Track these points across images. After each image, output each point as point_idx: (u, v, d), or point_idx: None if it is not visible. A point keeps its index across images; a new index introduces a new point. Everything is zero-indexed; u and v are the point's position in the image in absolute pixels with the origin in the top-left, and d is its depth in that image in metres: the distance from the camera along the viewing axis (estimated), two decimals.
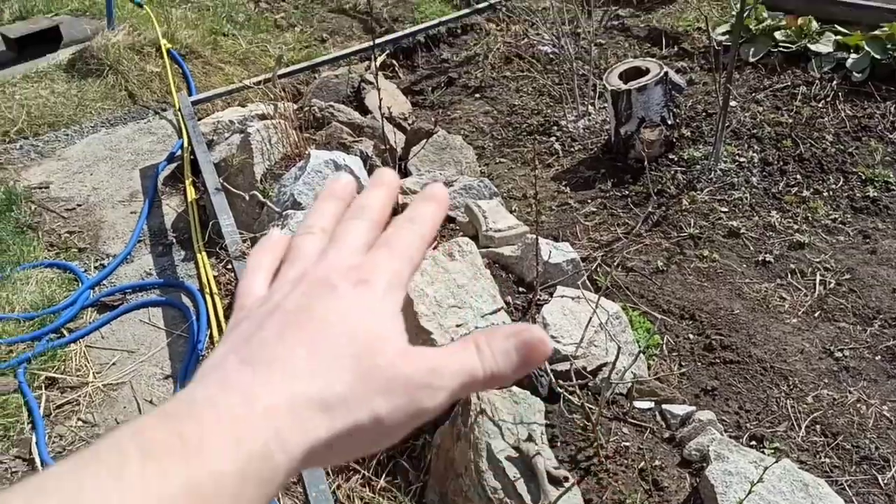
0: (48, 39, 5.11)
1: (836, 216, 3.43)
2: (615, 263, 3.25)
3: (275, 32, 5.68)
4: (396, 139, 3.97)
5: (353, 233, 0.51)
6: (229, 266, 3.05)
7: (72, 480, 0.34)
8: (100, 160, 4.16)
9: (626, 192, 3.73)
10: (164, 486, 0.35)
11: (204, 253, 3.36)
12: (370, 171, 3.53)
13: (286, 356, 0.42)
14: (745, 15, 3.41)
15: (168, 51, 4.96)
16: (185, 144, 4.02)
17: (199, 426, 0.38)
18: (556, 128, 4.34)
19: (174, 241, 3.57)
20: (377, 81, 3.85)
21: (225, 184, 3.22)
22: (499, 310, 2.47)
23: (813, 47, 4.45)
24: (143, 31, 5.04)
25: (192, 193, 3.76)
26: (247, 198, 3.15)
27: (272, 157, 3.49)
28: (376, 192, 0.54)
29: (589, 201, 3.74)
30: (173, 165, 4.09)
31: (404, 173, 3.83)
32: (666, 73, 3.81)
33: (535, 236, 2.68)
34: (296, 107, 4.23)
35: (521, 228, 2.96)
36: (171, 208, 3.78)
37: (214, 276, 3.23)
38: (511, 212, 3.69)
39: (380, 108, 3.39)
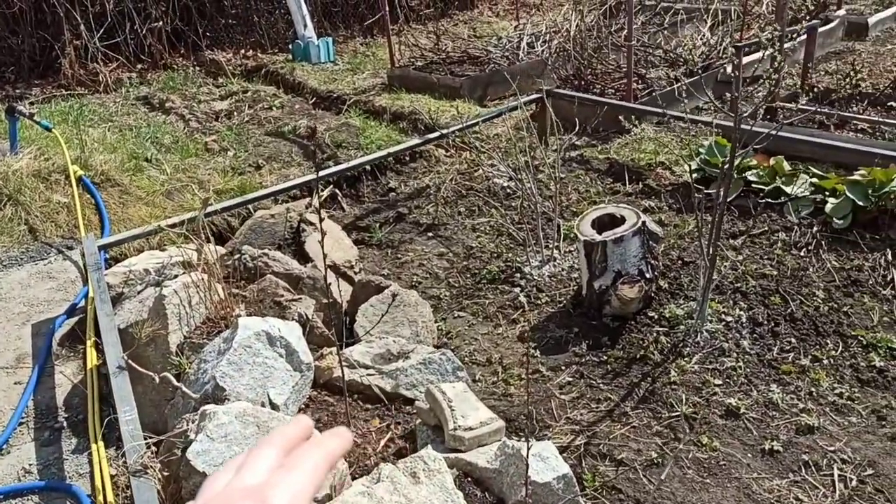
0: None
1: (843, 391, 3.01)
2: (602, 455, 2.75)
3: (205, 157, 5.18)
4: (341, 291, 3.45)
5: (260, 458, 0.54)
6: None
7: None
8: None
9: (605, 358, 3.27)
10: None
11: (101, 443, 2.72)
12: (310, 339, 2.98)
13: None
14: (733, 164, 3.07)
15: (79, 178, 4.39)
16: (91, 294, 3.42)
17: None
18: (518, 275, 3.89)
19: (65, 423, 2.91)
20: (320, 224, 3.35)
21: (130, 361, 2.62)
22: None
23: (788, 189, 4.18)
24: (51, 155, 4.48)
25: (93, 359, 3.14)
26: (157, 380, 2.56)
27: (192, 322, 2.92)
28: (291, 426, 0.59)
29: (563, 368, 3.25)
30: (74, 320, 3.46)
31: (350, 334, 3.29)
32: (644, 223, 3.43)
33: (514, 444, 2.16)
34: (224, 251, 3.69)
35: (495, 424, 2.43)
36: (65, 377, 3.13)
37: (112, 477, 2.59)
38: (475, 381, 3.18)
39: (324, 262, 2.88)
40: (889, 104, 5.74)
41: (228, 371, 2.55)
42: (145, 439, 2.31)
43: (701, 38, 6.82)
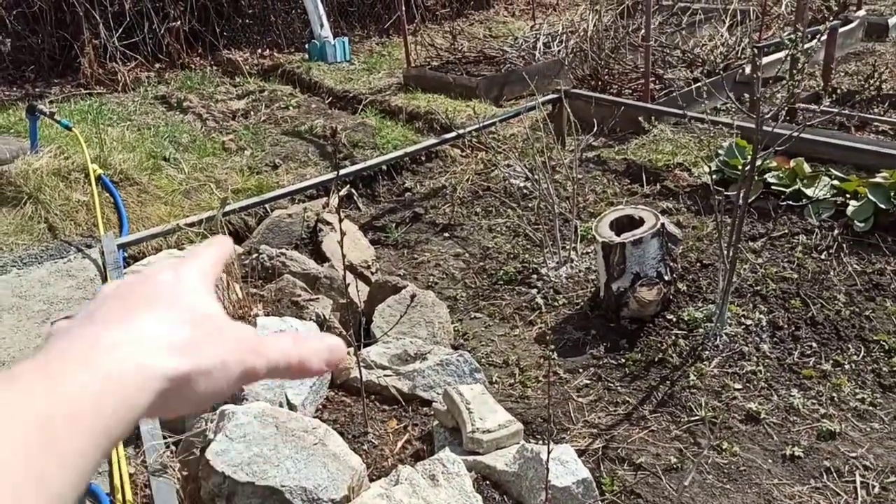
0: None
1: (864, 396, 2.98)
2: (620, 459, 2.73)
3: (222, 156, 5.19)
4: (358, 291, 3.45)
5: (171, 259, 0.62)
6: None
7: None
8: (4, 310, 3.51)
9: (623, 361, 3.25)
10: (29, 400, 0.39)
11: (121, 442, 2.72)
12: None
13: (129, 316, 0.47)
14: (755, 166, 3.04)
15: (99, 177, 4.41)
16: None
17: (59, 363, 0.43)
18: (535, 276, 3.88)
19: None
20: (339, 224, 3.36)
21: None
22: None
23: (808, 192, 4.14)
24: (71, 154, 4.50)
25: None
26: None
27: None
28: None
29: (580, 370, 3.24)
30: None
31: (367, 335, 3.29)
32: (663, 225, 3.40)
33: (533, 447, 2.15)
34: (242, 250, 3.70)
35: (513, 427, 2.42)
36: None
37: (131, 475, 2.59)
38: (492, 383, 3.17)
39: (343, 262, 2.88)
40: None
41: None
42: (164, 438, 2.31)
43: (719, 39, 6.78)
